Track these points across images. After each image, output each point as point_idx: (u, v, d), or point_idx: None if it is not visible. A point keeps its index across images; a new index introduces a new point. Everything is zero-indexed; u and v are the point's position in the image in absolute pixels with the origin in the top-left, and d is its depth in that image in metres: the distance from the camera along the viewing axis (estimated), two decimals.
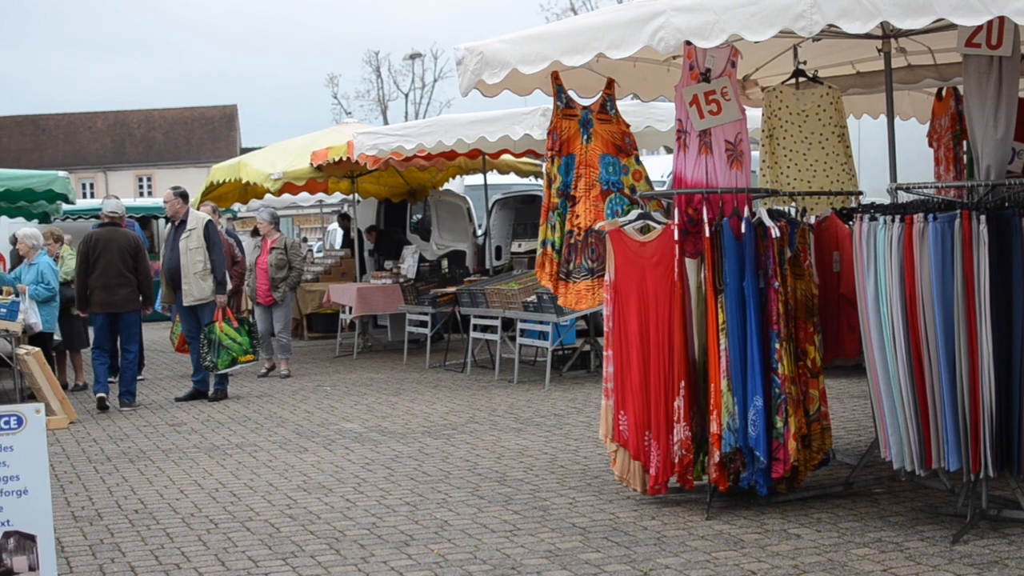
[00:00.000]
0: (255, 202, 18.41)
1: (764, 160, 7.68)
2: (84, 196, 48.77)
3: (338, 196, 19.79)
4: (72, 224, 19.85)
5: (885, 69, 6.93)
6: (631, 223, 6.66)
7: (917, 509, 6.25)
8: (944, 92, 8.51)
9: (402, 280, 14.82)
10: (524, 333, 12.04)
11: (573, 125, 7.48)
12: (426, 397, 11.33)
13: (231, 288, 12.35)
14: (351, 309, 15.03)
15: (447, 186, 18.24)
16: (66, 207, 15.81)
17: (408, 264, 15.22)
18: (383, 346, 16.08)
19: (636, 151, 7.53)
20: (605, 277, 6.71)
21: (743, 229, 6.16)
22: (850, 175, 7.55)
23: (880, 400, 5.90)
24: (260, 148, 19.06)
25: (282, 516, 6.79)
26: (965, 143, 7.89)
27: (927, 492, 6.55)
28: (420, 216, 18.91)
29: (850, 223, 6.64)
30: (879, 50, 7.01)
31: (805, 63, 7.58)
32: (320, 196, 20.05)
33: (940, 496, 6.42)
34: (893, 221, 5.71)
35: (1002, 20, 5.66)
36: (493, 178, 16.75)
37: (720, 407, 6.13)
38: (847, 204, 7.44)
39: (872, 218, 5.83)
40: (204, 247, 11.53)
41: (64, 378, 12.94)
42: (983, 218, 5.52)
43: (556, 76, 7.38)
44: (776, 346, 6.17)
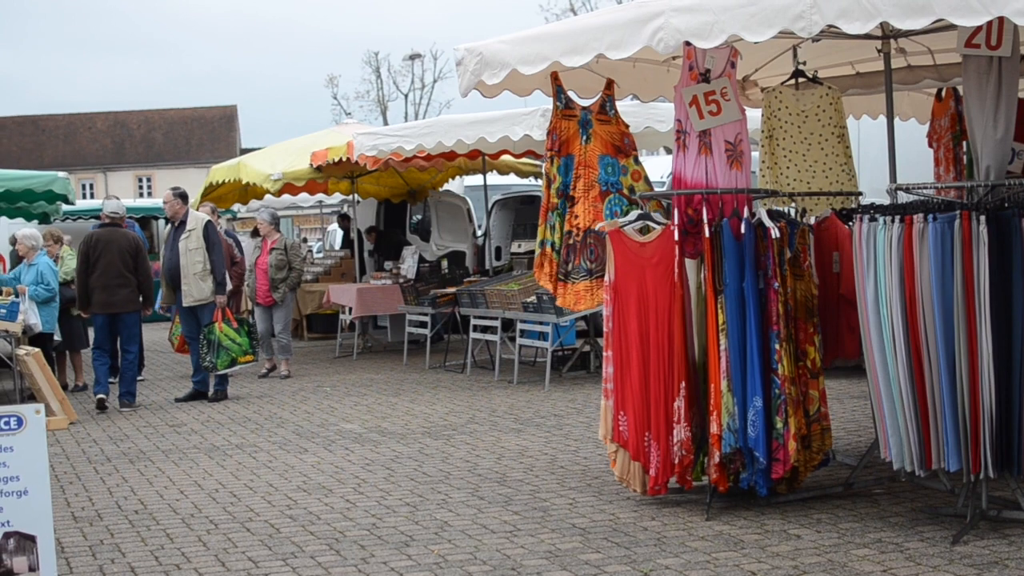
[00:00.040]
0: (255, 203, 18.40)
1: (764, 161, 7.67)
2: (84, 197, 48.74)
3: (338, 197, 19.79)
4: (72, 225, 19.85)
5: (885, 70, 6.92)
6: (631, 223, 6.66)
7: (917, 510, 6.25)
8: (944, 93, 8.51)
9: (402, 281, 14.82)
10: (524, 334, 12.04)
11: (572, 125, 7.48)
12: (426, 398, 11.33)
13: (230, 289, 12.35)
14: (351, 310, 15.03)
15: (447, 187, 18.23)
16: (66, 208, 15.80)
17: (408, 265, 15.22)
18: (383, 347, 16.08)
19: (635, 151, 7.53)
20: (605, 278, 6.70)
21: (743, 230, 6.15)
22: (850, 176, 7.55)
23: (880, 401, 5.90)
24: (260, 149, 19.05)
25: (282, 517, 6.79)
26: (965, 144, 7.88)
27: (927, 493, 6.55)
28: (420, 217, 18.91)
29: (850, 224, 6.64)
30: (879, 51, 7.01)
31: (805, 64, 7.57)
32: (320, 197, 20.05)
33: (940, 497, 6.42)
34: (893, 222, 5.71)
35: (1001, 21, 5.66)
36: (493, 179, 16.75)
37: (720, 407, 6.13)
38: (847, 205, 7.44)
39: (872, 219, 5.83)
40: (203, 248, 11.54)
41: (64, 379, 12.94)
42: (983, 219, 5.52)
43: (556, 76, 7.38)
44: (776, 347, 6.17)
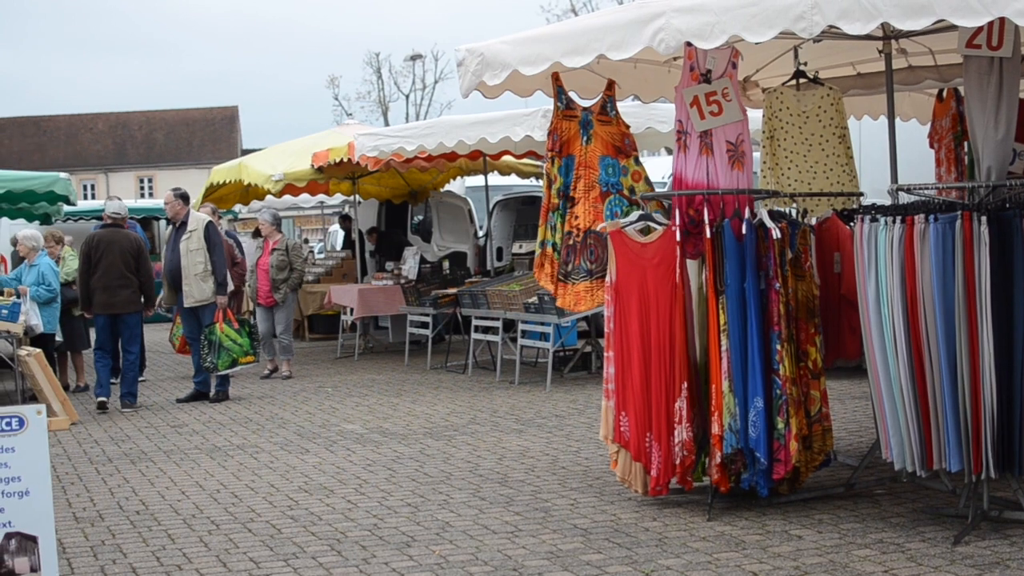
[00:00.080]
0: (256, 203, 18.41)
1: (765, 161, 7.67)
2: (85, 197, 48.62)
3: (339, 197, 19.79)
4: (73, 225, 19.86)
5: (886, 70, 6.92)
6: (632, 224, 6.65)
7: (918, 510, 6.25)
8: (945, 93, 8.51)
9: (403, 281, 14.82)
10: (525, 334, 12.04)
11: (573, 126, 7.48)
12: (427, 398, 11.33)
13: (232, 289, 12.36)
14: (352, 310, 15.03)
15: (448, 187, 18.22)
16: (67, 208, 15.81)
17: (409, 265, 15.22)
18: (384, 347, 16.08)
19: (636, 152, 7.52)
20: (606, 278, 6.70)
21: (744, 230, 6.15)
22: (851, 176, 7.55)
23: (881, 401, 5.90)
24: (261, 149, 19.05)
25: (283, 517, 6.79)
26: (966, 144, 7.88)
27: (928, 493, 6.55)
28: (421, 217, 18.91)
29: (851, 224, 6.64)
30: (880, 51, 7.01)
31: (806, 64, 7.57)
32: (321, 197, 20.03)
33: (941, 497, 6.42)
34: (894, 222, 5.71)
35: (1002, 21, 5.66)
36: (494, 179, 16.74)
37: (722, 408, 6.13)
38: (848, 205, 7.44)
39: (873, 219, 5.83)
40: (204, 248, 11.55)
41: (65, 379, 12.94)
42: (984, 219, 5.52)
43: (556, 77, 7.38)
44: (777, 347, 6.17)
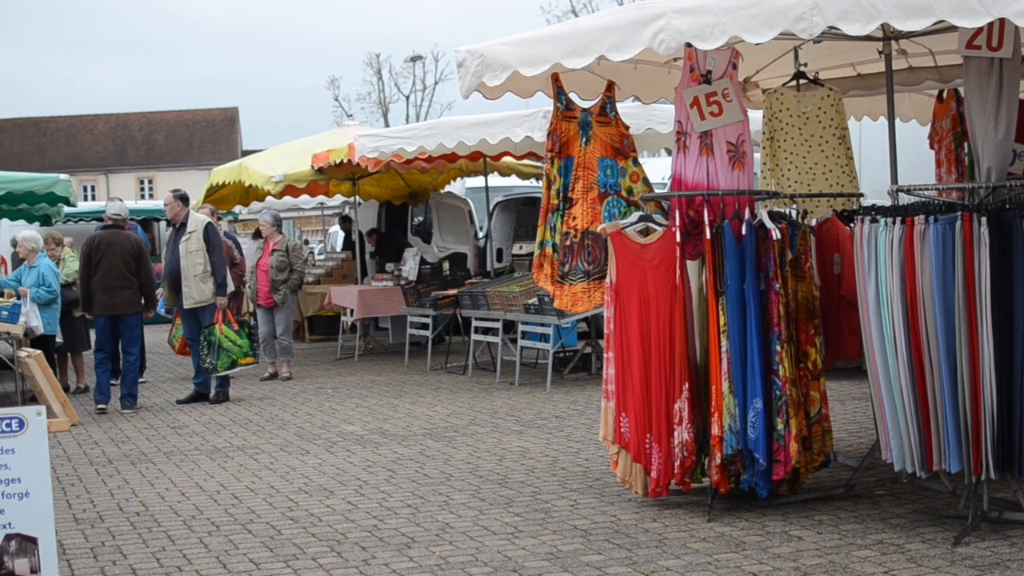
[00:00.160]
0: (256, 204, 18.40)
1: (765, 163, 7.68)
2: (85, 199, 48.71)
3: (339, 198, 19.78)
4: (73, 227, 19.85)
5: (886, 71, 6.92)
6: (632, 225, 6.65)
7: (918, 511, 6.25)
8: (945, 94, 8.51)
9: (403, 282, 14.82)
10: (525, 335, 12.04)
11: (573, 127, 7.48)
12: (427, 399, 11.33)
13: (231, 290, 12.35)
14: (352, 311, 15.03)
15: (448, 188, 18.22)
16: (67, 210, 15.79)
17: (409, 266, 15.21)
18: (384, 348, 16.08)
19: (634, 153, 7.52)
20: (607, 279, 6.70)
21: (744, 231, 6.15)
22: (851, 177, 7.55)
23: (881, 402, 5.90)
24: (261, 150, 19.05)
25: (283, 518, 6.79)
26: (966, 145, 7.88)
27: (928, 494, 6.55)
28: (421, 218, 18.91)
29: (851, 225, 6.64)
30: (880, 52, 7.01)
31: (806, 65, 7.57)
32: (321, 198, 20.03)
33: (941, 498, 6.41)
34: (894, 223, 5.71)
35: (1002, 22, 5.66)
36: (494, 180, 16.74)
37: (721, 409, 6.13)
38: (848, 206, 7.44)
39: (873, 220, 5.83)
40: (204, 250, 11.56)
41: (65, 380, 12.93)
42: (984, 220, 5.51)
43: (556, 78, 7.38)
44: (777, 348, 6.17)
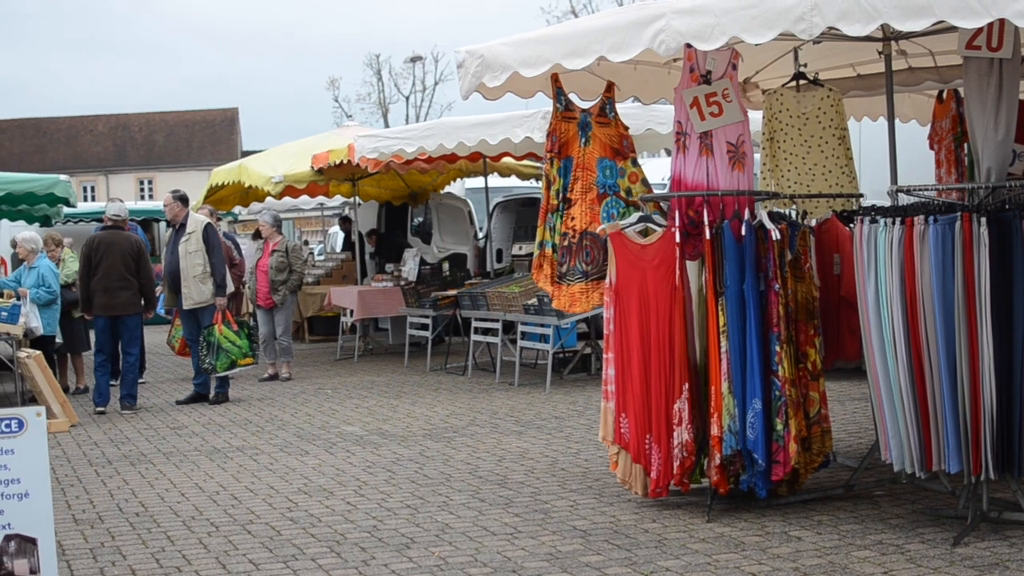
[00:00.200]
0: (256, 205, 18.41)
1: (764, 163, 7.67)
2: (85, 199, 48.66)
3: (339, 199, 19.78)
4: (73, 227, 19.84)
5: (885, 71, 6.92)
6: (632, 226, 6.65)
7: (918, 511, 6.25)
8: (945, 94, 8.51)
9: (403, 283, 14.81)
10: (525, 336, 12.04)
11: (572, 128, 7.48)
12: (427, 400, 11.32)
13: (231, 291, 12.35)
14: (352, 312, 15.02)
15: (448, 189, 18.22)
16: (67, 210, 15.79)
17: (409, 267, 15.21)
18: (384, 349, 16.07)
19: (633, 153, 7.51)
20: (606, 280, 6.70)
21: (744, 232, 6.15)
22: (851, 178, 7.55)
23: (881, 402, 5.90)
24: (261, 151, 19.04)
25: (283, 519, 6.79)
26: (966, 145, 7.88)
27: (928, 494, 6.55)
28: (421, 219, 18.90)
29: (851, 225, 6.64)
30: (879, 52, 7.01)
31: (806, 66, 7.57)
32: (321, 199, 20.03)
33: (941, 498, 6.41)
34: (894, 223, 5.71)
35: (1002, 22, 5.66)
36: (494, 181, 16.74)
37: (721, 409, 6.13)
38: (848, 206, 7.44)
39: (873, 220, 5.83)
40: (203, 250, 11.56)
41: (65, 381, 12.93)
42: (984, 220, 5.52)
43: (556, 79, 7.38)
44: (776, 348, 6.17)
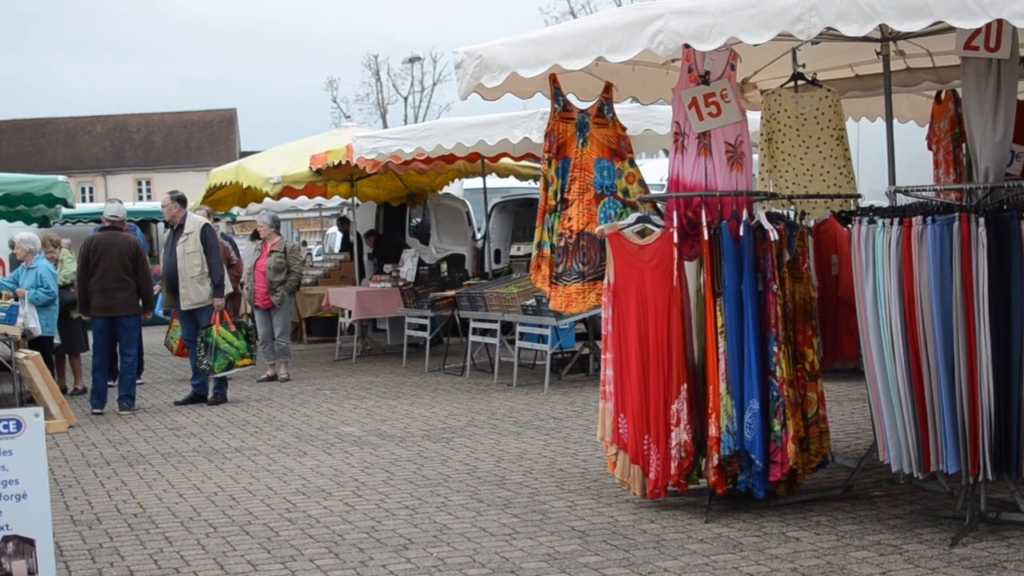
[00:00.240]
0: (254, 206, 18.40)
1: (763, 163, 7.67)
2: (83, 200, 48.65)
3: (337, 200, 19.77)
4: (71, 228, 19.83)
5: (884, 72, 6.92)
6: (630, 226, 6.64)
7: (916, 512, 6.25)
8: (943, 95, 8.51)
9: (401, 284, 14.81)
10: (523, 336, 12.04)
11: (570, 128, 7.48)
12: (425, 401, 11.32)
13: (229, 292, 12.34)
14: (350, 313, 15.02)
15: (446, 190, 18.23)
16: (65, 211, 15.78)
17: (407, 268, 15.21)
18: (382, 350, 16.07)
19: (631, 154, 7.52)
20: (604, 280, 6.70)
21: (742, 232, 6.15)
22: (849, 178, 7.55)
23: (879, 403, 5.90)
24: (259, 152, 19.04)
25: (281, 520, 6.79)
26: (964, 146, 7.89)
27: (926, 495, 6.55)
28: (419, 220, 18.91)
29: (849, 226, 6.63)
30: (878, 53, 7.01)
31: (804, 66, 7.57)
32: (319, 200, 20.04)
33: (939, 499, 6.41)
34: (892, 224, 5.71)
35: (1000, 23, 5.66)
36: (492, 181, 16.75)
37: (719, 410, 6.12)
38: (846, 207, 7.44)
39: (871, 221, 5.83)
40: (201, 251, 11.55)
41: (63, 382, 12.92)
42: (982, 221, 5.52)
43: (554, 79, 7.38)
44: (774, 349, 6.17)
